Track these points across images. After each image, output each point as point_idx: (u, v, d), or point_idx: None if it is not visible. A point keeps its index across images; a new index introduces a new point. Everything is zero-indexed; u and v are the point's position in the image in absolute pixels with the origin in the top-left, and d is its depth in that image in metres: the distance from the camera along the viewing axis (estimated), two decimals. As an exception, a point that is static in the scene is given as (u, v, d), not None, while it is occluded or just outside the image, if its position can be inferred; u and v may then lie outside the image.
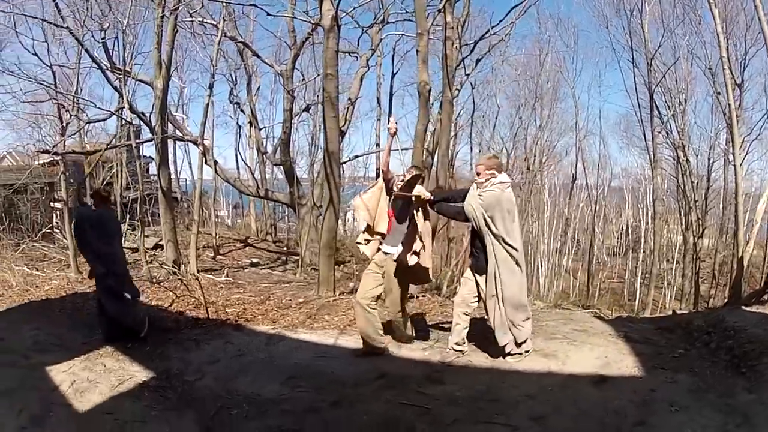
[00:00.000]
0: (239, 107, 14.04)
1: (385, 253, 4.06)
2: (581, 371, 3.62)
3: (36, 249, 10.03)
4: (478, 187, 3.78)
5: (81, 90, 13.35)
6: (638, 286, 22.29)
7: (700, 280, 17.67)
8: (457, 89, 11.40)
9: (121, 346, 4.46)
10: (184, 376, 3.86)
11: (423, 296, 6.91)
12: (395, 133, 4.01)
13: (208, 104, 8.95)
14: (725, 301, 9.68)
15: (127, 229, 9.61)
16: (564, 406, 3.16)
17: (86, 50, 7.74)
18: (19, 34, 8.78)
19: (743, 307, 5.74)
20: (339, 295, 6.92)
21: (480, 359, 4.00)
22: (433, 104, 9.09)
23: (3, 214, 13.83)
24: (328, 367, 3.98)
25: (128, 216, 9.58)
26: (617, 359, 3.80)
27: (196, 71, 38.07)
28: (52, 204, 9.20)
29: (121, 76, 8.57)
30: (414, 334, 4.45)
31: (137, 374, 3.88)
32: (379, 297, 4.14)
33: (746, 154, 16.62)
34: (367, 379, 3.70)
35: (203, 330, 5.04)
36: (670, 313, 8.09)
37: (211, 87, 9.22)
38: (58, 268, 8.72)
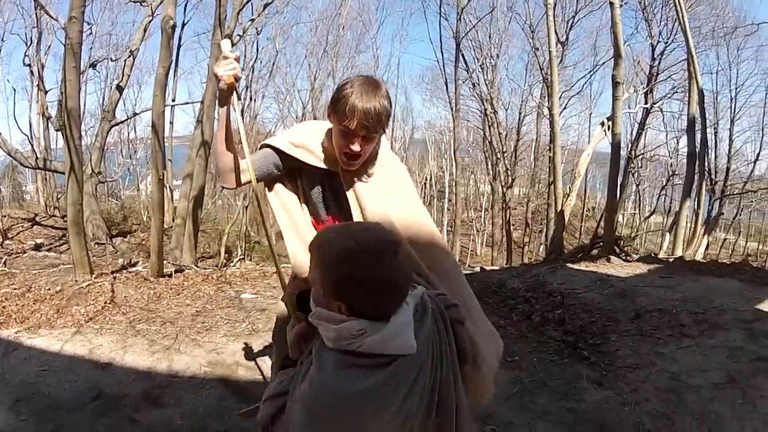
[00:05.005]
0: (30, 69, 11.90)
1: None
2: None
3: None
4: None
5: None
6: (445, 235, 21.23)
7: (512, 228, 18.06)
8: (239, 35, 10.88)
9: None
10: None
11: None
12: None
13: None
14: (544, 257, 8.76)
15: None
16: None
17: None
18: None
19: (568, 265, 4.95)
20: (95, 278, 6.11)
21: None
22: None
23: None
24: (47, 385, 3.55)
25: None
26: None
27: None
28: None
29: None
30: None
31: None
32: None
33: (564, 108, 18.16)
34: (82, 403, 3.37)
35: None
36: (477, 269, 7.03)
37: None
38: None
